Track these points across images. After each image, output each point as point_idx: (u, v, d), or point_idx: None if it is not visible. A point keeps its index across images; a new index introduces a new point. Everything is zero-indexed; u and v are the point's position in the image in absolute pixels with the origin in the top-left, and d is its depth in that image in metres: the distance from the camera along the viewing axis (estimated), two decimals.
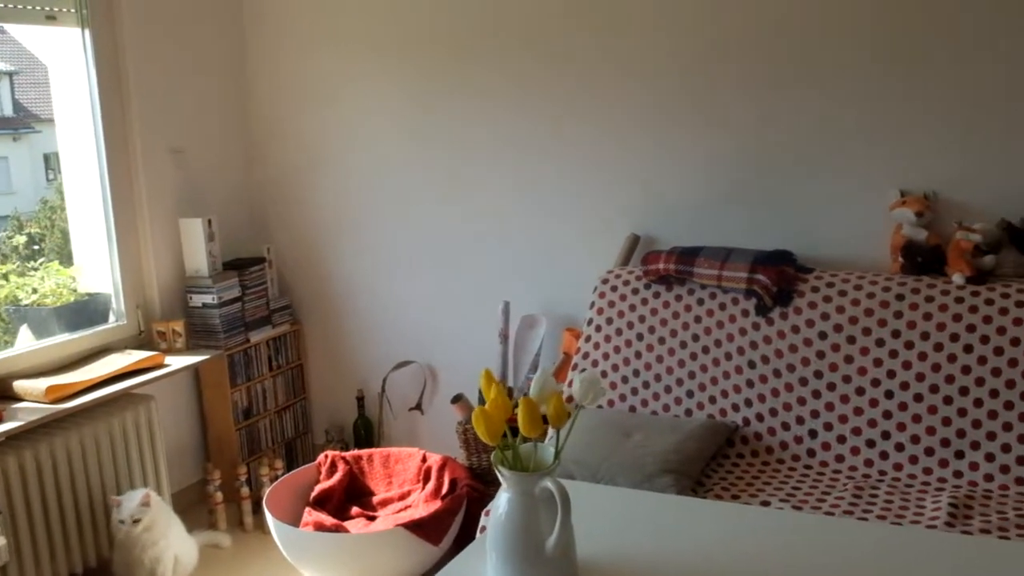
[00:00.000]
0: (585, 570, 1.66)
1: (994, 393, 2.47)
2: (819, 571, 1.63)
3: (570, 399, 2.84)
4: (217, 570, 3.08)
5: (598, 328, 2.98)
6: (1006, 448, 2.43)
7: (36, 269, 3.26)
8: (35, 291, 3.19)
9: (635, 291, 2.96)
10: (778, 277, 2.75)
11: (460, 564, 1.72)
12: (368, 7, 3.47)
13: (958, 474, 2.47)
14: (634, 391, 2.88)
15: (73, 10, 3.10)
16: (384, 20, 3.45)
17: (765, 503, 2.36)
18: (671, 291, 2.91)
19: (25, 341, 3.10)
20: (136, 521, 2.75)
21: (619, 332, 2.94)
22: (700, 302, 2.86)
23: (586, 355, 2.97)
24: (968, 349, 2.52)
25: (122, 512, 2.76)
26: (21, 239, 3.31)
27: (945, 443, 2.50)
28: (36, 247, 3.56)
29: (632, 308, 2.94)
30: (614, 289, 2.99)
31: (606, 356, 2.94)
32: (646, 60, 3.06)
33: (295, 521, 2.97)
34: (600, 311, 2.99)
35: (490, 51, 3.29)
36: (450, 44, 3.35)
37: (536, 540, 1.56)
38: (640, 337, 2.90)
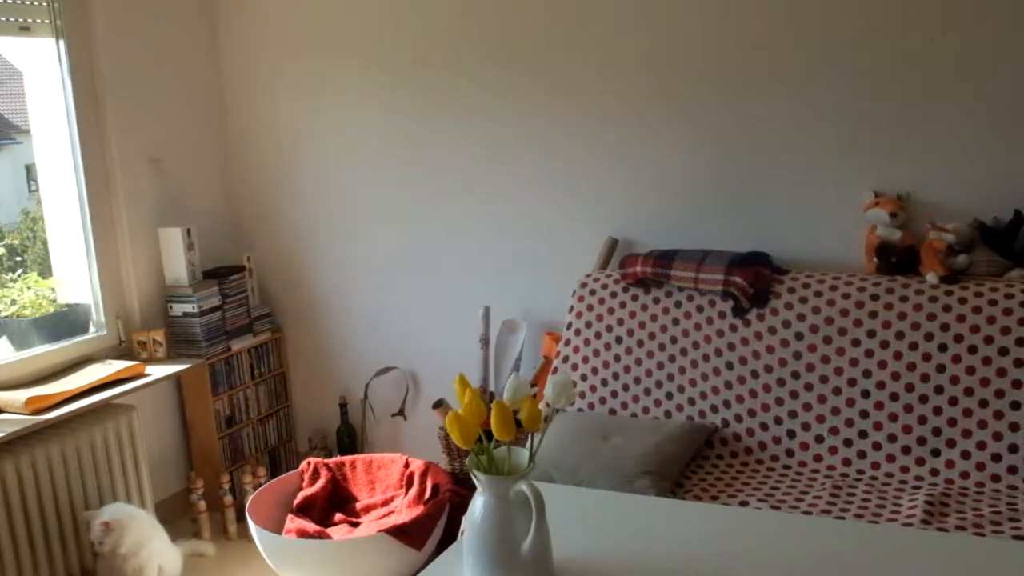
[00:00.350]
0: (562, 572, 1.67)
1: (969, 391, 2.50)
2: (796, 570, 1.65)
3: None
4: None
5: (577, 332, 2.99)
6: (981, 445, 2.46)
7: (14, 281, 3.25)
8: (14, 302, 3.18)
9: (613, 294, 2.97)
10: (754, 279, 2.77)
11: (438, 568, 1.73)
12: (345, 17, 3.48)
13: (935, 472, 2.50)
14: (614, 394, 2.89)
15: (47, 21, 3.10)
16: (363, 31, 3.46)
17: (744, 503, 2.38)
18: (649, 294, 2.93)
19: (4, 353, 3.09)
20: (101, 543, 2.75)
21: (598, 335, 2.95)
22: (677, 304, 2.88)
23: (566, 359, 2.99)
24: (943, 348, 2.55)
25: (90, 533, 2.76)
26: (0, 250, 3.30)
27: (921, 441, 2.53)
28: (19, 259, 3.55)
29: (611, 311, 2.96)
30: (592, 293, 3.01)
31: (585, 359, 2.95)
32: (622, 69, 3.08)
33: (278, 528, 2.98)
34: (579, 315, 3.01)
35: (468, 61, 3.30)
36: (428, 54, 3.37)
37: (512, 543, 1.57)
38: (619, 340, 2.92)
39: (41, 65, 3.19)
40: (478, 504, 1.60)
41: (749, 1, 2.88)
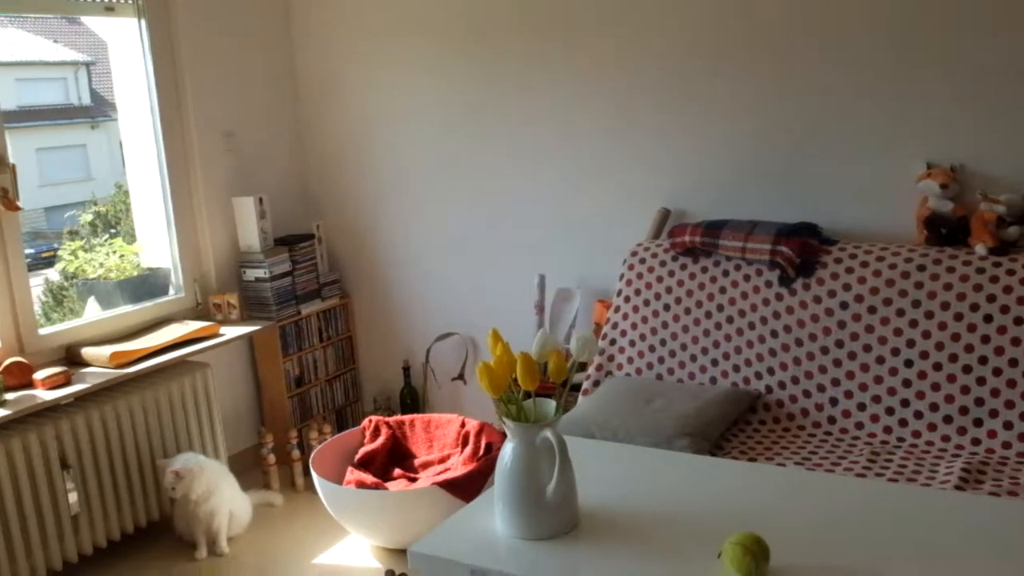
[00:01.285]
0: (587, 515, 1.78)
1: (1013, 362, 2.50)
2: (815, 524, 1.72)
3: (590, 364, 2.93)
4: (270, 525, 3.29)
5: (627, 299, 3.08)
6: None
7: (101, 245, 3.49)
8: (101, 266, 3.42)
9: (663, 263, 3.05)
10: (801, 249, 2.81)
11: (473, 510, 1.85)
12: None
13: (976, 441, 2.52)
14: (661, 360, 2.97)
15: (130, 1, 3.30)
16: (430, 7, 3.58)
17: (780, 466, 2.44)
18: (697, 263, 2.99)
19: (92, 312, 3.34)
20: (173, 488, 2.97)
21: (647, 303, 3.03)
22: (725, 273, 2.94)
23: (615, 325, 3.08)
24: (988, 319, 2.55)
25: (164, 480, 2.99)
26: (87, 217, 3.55)
27: (963, 411, 2.55)
28: (113, 230, 3.80)
29: (659, 280, 3.03)
30: (643, 261, 3.08)
31: (634, 326, 3.04)
32: (677, 45, 3.13)
33: (340, 480, 3.15)
34: (629, 283, 3.09)
35: (527, 36, 3.39)
36: (488, 29, 3.47)
37: (538, 486, 1.69)
38: (667, 307, 3.00)
39: (126, 44, 3.40)
40: (507, 450, 1.72)
41: None
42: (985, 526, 1.67)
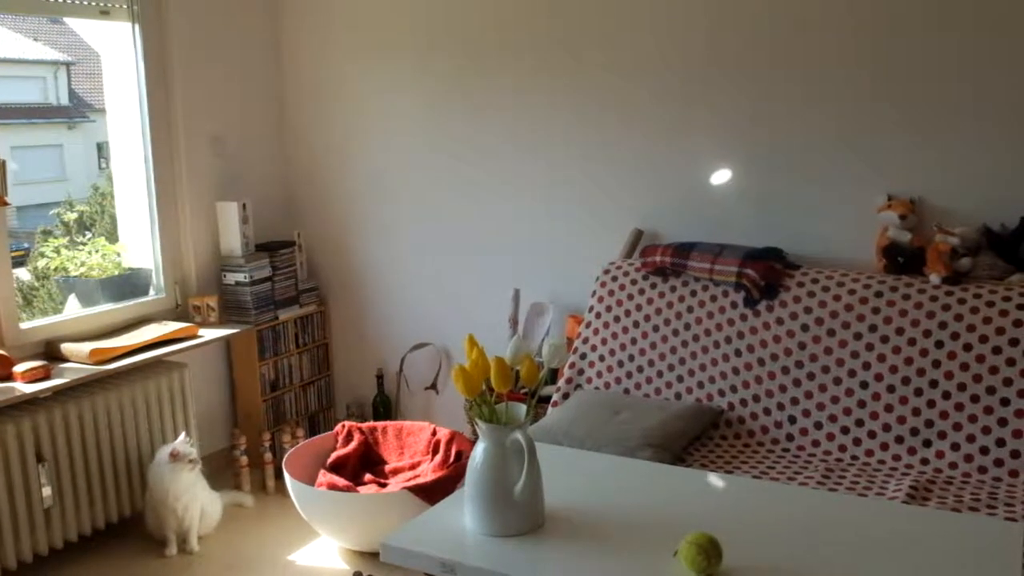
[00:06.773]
0: (553, 515, 1.87)
1: (962, 386, 2.63)
2: (765, 526, 1.83)
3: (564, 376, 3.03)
4: (240, 526, 3.34)
5: (598, 315, 3.18)
6: (971, 438, 2.59)
7: (84, 244, 3.54)
8: (83, 264, 3.47)
9: (634, 282, 3.15)
10: (765, 272, 2.93)
11: (443, 508, 1.94)
12: (398, 12, 3.70)
13: (924, 461, 2.64)
14: (629, 375, 3.08)
15: (125, 5, 3.38)
16: (410, 25, 3.68)
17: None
18: (667, 282, 3.10)
19: (73, 309, 3.39)
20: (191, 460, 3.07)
21: (617, 319, 3.14)
22: (693, 293, 3.05)
23: (586, 340, 3.18)
24: (939, 344, 2.68)
25: (186, 453, 3.07)
26: (72, 215, 3.59)
27: (914, 432, 2.67)
28: (88, 233, 3.85)
29: (630, 297, 3.14)
30: (614, 279, 3.19)
31: (604, 341, 3.14)
32: (650, 71, 3.26)
33: (311, 483, 3.21)
34: (600, 299, 3.19)
35: (506, 57, 3.51)
36: (468, 50, 3.57)
37: (507, 485, 1.78)
38: (636, 324, 3.10)
39: (118, 47, 3.47)
40: (478, 451, 1.81)
41: (771, 6, 3.04)
42: (926, 536, 1.77)
